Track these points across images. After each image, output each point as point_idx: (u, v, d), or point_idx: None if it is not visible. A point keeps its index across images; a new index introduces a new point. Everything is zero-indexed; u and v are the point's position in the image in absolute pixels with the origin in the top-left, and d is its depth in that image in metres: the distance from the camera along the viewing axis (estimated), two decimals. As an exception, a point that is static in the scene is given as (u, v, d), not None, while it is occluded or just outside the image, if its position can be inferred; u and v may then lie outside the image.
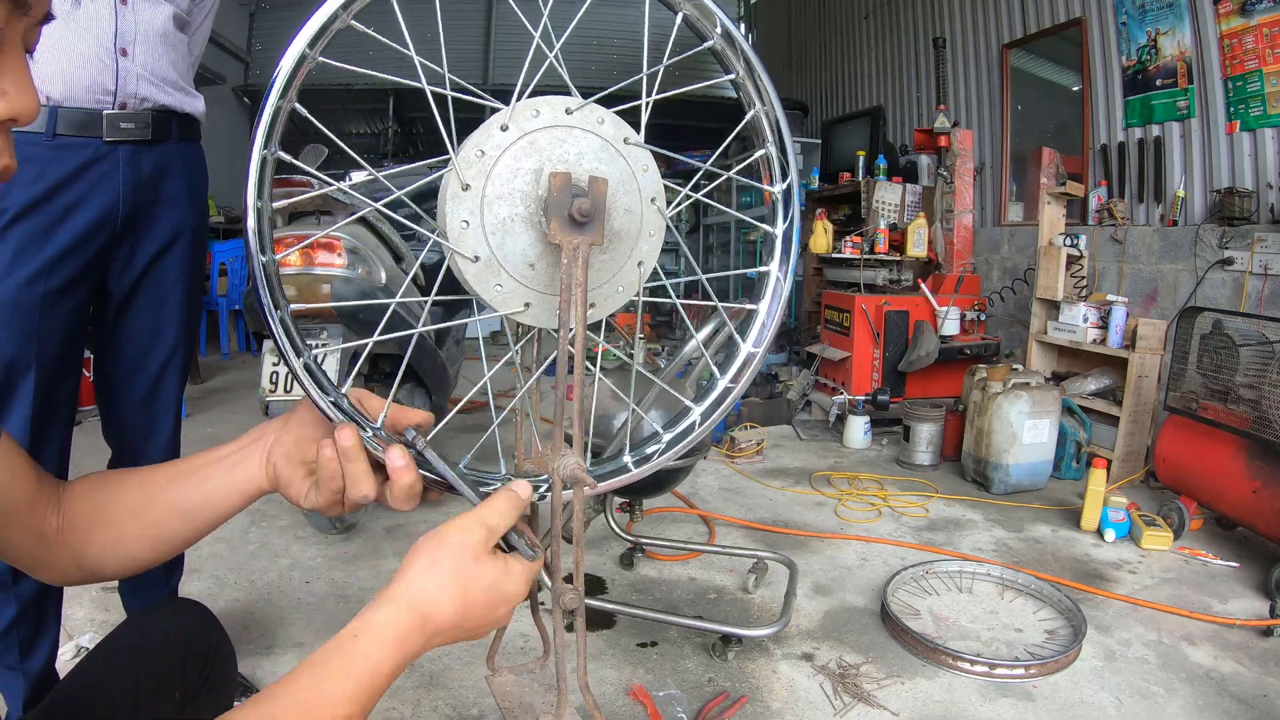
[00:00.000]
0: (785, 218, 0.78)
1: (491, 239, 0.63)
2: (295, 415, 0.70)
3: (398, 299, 0.70)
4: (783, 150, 0.75)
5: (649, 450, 0.77)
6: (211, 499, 0.70)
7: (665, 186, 0.70)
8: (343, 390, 0.65)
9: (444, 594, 0.57)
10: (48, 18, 0.48)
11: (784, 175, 0.76)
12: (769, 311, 0.79)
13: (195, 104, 1.41)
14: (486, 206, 0.62)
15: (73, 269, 1.25)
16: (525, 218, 0.63)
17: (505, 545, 0.63)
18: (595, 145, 0.64)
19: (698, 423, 0.77)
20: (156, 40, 1.30)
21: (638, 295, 0.71)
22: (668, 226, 0.71)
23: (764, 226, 0.79)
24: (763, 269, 0.80)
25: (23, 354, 1.20)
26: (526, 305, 0.66)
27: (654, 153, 0.68)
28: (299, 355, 0.62)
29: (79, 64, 1.20)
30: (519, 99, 0.62)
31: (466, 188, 0.61)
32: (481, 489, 0.66)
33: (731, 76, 0.73)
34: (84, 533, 0.69)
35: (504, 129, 0.61)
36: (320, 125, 0.65)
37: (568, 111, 0.63)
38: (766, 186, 0.77)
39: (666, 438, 0.77)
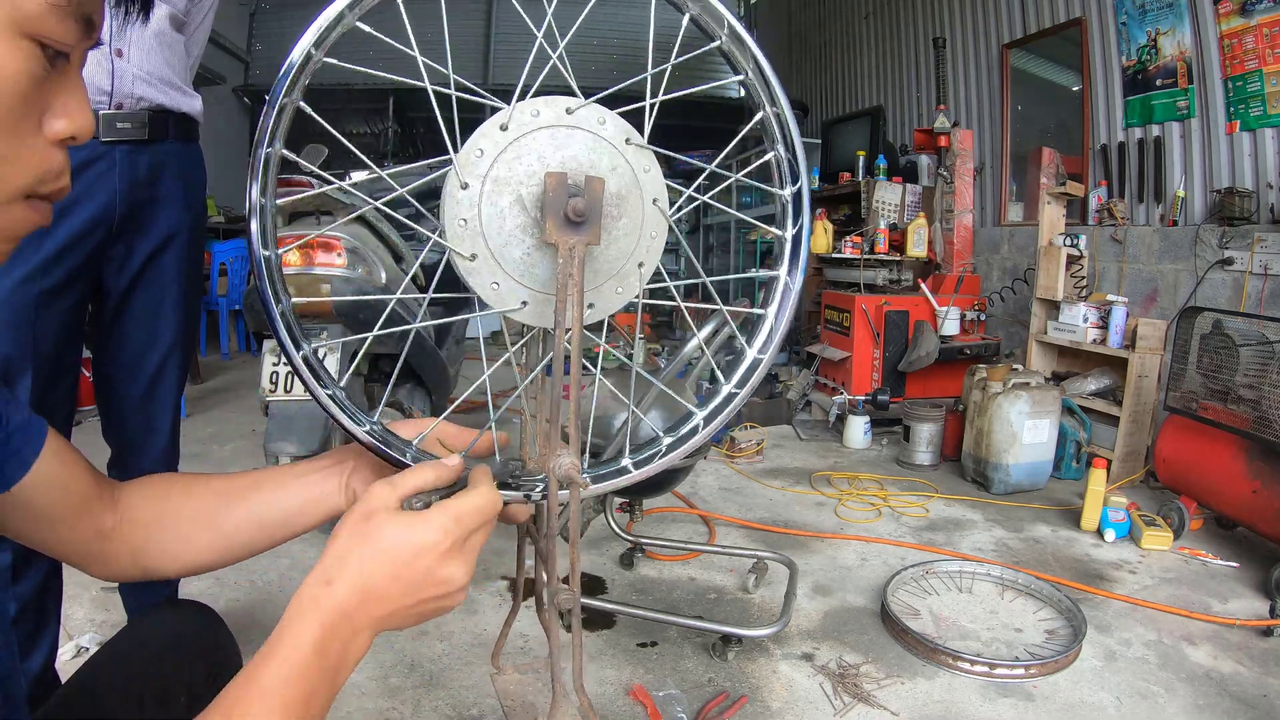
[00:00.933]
0: (795, 222, 0.75)
1: (489, 238, 0.63)
2: None
3: (397, 296, 0.70)
4: (793, 153, 0.72)
5: (649, 452, 0.77)
6: (288, 513, 0.72)
7: (668, 187, 0.69)
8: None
9: (349, 556, 0.55)
10: (98, 42, 0.49)
11: (794, 178, 0.73)
12: (778, 317, 0.77)
13: (192, 104, 1.41)
14: (485, 205, 0.62)
15: (68, 268, 1.25)
16: (523, 217, 0.63)
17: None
18: (596, 145, 0.64)
19: (700, 426, 0.76)
20: (152, 41, 1.30)
21: (638, 296, 0.70)
22: (669, 228, 0.70)
23: (773, 230, 0.77)
24: (772, 273, 0.77)
25: (19, 353, 1.20)
26: (523, 304, 0.65)
27: (656, 153, 0.67)
28: (299, 349, 0.63)
29: None
30: (520, 99, 0.62)
31: (465, 187, 0.61)
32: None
33: (740, 77, 0.71)
34: (145, 533, 0.70)
35: (504, 129, 0.61)
36: (325, 123, 0.64)
37: (568, 111, 0.63)
38: (775, 190, 0.75)
39: (667, 441, 0.77)
